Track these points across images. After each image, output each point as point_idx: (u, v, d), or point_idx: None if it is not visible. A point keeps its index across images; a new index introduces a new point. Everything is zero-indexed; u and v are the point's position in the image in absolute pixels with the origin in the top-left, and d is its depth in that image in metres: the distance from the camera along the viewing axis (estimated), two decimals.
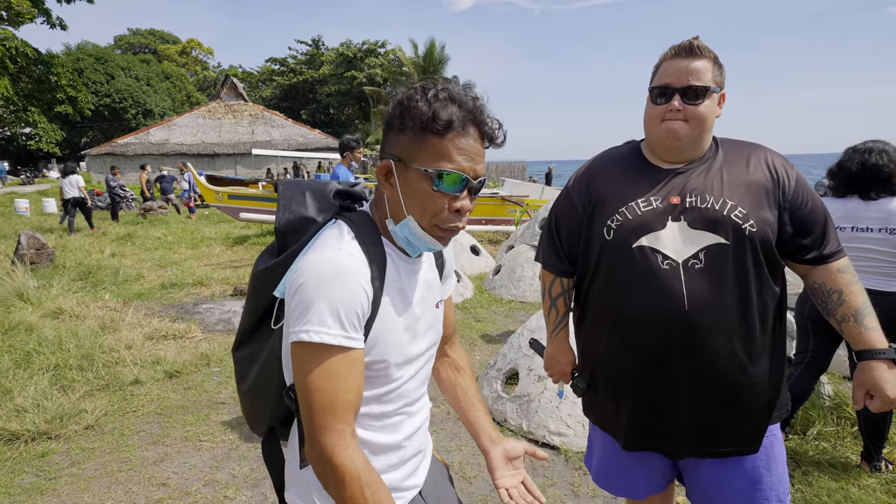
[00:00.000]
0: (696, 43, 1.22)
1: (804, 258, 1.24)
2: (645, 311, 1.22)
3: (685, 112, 1.21)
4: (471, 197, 0.90)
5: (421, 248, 0.93)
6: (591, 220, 1.34)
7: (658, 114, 1.25)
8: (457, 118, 0.84)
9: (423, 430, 1.09)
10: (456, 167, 0.85)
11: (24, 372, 3.53)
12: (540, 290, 6.10)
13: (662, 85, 1.23)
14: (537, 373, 3.04)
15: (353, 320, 0.83)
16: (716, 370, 1.19)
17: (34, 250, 6.84)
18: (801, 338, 2.62)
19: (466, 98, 0.87)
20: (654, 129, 1.27)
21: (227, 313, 5.36)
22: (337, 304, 0.81)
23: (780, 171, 1.23)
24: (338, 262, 0.83)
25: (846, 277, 1.22)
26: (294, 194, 0.95)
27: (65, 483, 2.51)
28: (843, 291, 1.21)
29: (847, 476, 2.45)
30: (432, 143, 0.85)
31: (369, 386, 0.91)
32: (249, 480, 2.53)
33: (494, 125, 0.90)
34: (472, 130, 0.87)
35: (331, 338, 0.81)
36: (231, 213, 10.45)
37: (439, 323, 1.07)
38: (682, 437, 1.27)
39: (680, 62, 1.22)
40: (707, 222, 1.19)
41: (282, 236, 0.94)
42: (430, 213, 0.88)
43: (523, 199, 10.52)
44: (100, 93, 33.84)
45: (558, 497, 2.39)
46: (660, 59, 1.29)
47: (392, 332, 0.91)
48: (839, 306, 1.22)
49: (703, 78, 1.20)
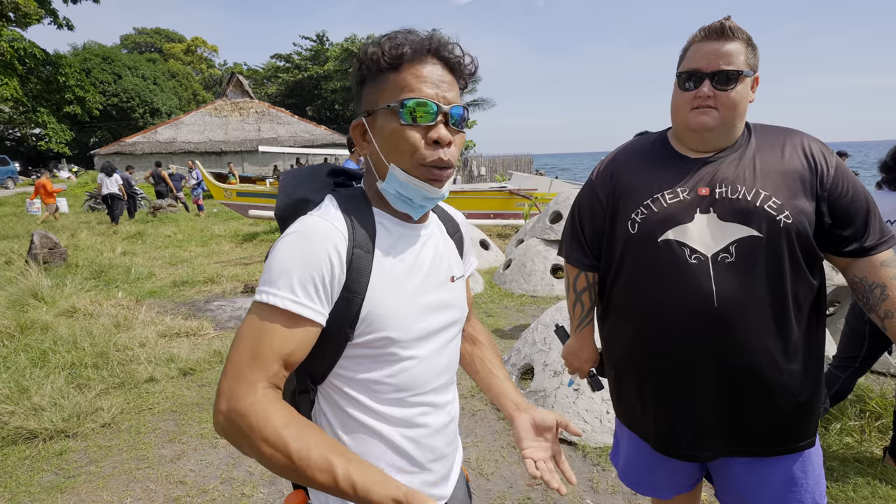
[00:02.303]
0: (728, 23, 1.15)
1: (844, 250, 1.17)
2: (672, 308, 1.17)
3: (716, 98, 1.14)
4: (450, 127, 0.82)
5: (414, 198, 0.85)
6: (615, 213, 1.29)
7: (686, 100, 1.18)
8: (410, 48, 0.79)
9: (451, 432, 0.99)
10: (418, 94, 0.79)
11: (41, 370, 3.55)
12: (549, 284, 6.01)
13: (691, 70, 1.16)
14: (553, 368, 3.01)
15: (309, 286, 0.76)
16: (749, 369, 1.14)
17: (47, 249, 6.90)
18: (854, 342, 2.48)
19: (420, 31, 0.82)
20: (682, 117, 1.20)
21: (238, 310, 5.37)
22: (291, 268, 0.76)
23: (817, 158, 1.15)
24: (305, 227, 0.79)
25: (890, 271, 1.14)
26: (290, 180, 0.93)
27: (83, 481, 2.52)
28: (886, 286, 1.13)
29: (873, 471, 2.40)
30: (390, 79, 0.81)
31: (374, 366, 0.85)
32: (266, 477, 2.52)
33: (456, 51, 0.83)
34: (430, 59, 0.81)
35: (276, 299, 0.75)
36: (240, 210, 10.49)
37: (459, 300, 0.98)
38: (714, 437, 1.22)
39: (710, 45, 1.15)
40: (738, 214, 1.13)
41: (282, 223, 0.89)
42: (408, 152, 0.81)
43: (532, 192, 10.44)
44: (107, 92, 34.03)
45: (577, 493, 2.36)
46: (688, 41, 1.21)
47: (391, 303, 0.84)
48: (882, 301, 1.14)
49: (735, 61, 1.13)
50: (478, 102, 31.67)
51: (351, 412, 0.87)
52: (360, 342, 0.83)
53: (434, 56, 0.82)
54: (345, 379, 0.86)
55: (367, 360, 0.85)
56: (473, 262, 1.10)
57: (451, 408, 0.99)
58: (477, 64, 0.87)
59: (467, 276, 1.07)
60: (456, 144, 0.84)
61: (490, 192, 10.81)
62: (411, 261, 0.89)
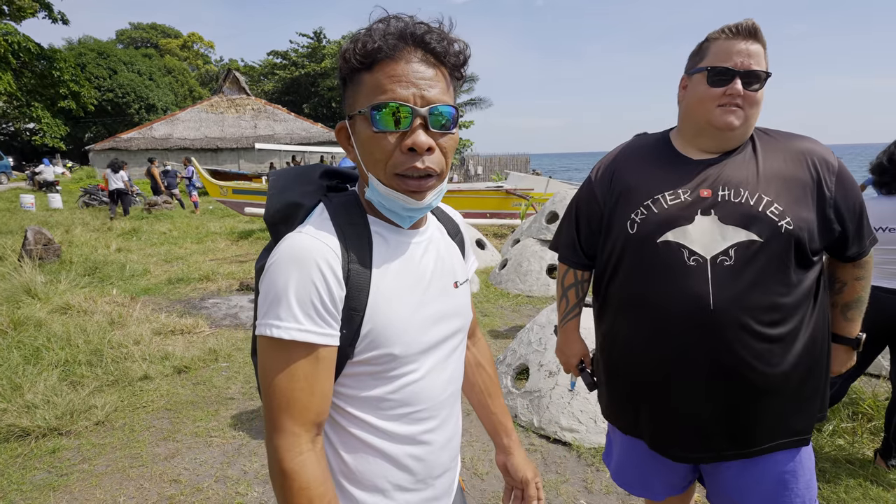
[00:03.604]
0: (757, 25, 1.15)
1: (839, 255, 1.23)
2: (668, 309, 1.17)
3: (745, 98, 1.14)
4: (430, 131, 0.74)
5: (396, 209, 0.80)
6: (614, 213, 1.29)
7: (714, 97, 1.16)
8: (383, 43, 0.71)
9: (455, 447, 0.97)
10: (390, 97, 0.71)
11: (34, 368, 3.53)
12: (545, 284, 6.02)
13: (723, 66, 1.14)
14: (548, 368, 3.02)
15: (311, 311, 0.73)
16: (743, 372, 1.14)
17: (41, 245, 6.85)
18: None
19: (398, 20, 0.73)
20: (705, 113, 1.18)
21: (233, 308, 5.35)
22: (291, 295, 0.72)
23: (819, 166, 1.16)
24: (295, 248, 0.74)
25: (858, 272, 1.26)
26: (279, 181, 0.86)
27: (76, 479, 2.51)
28: (847, 283, 1.27)
29: (865, 472, 2.42)
30: (365, 80, 0.74)
31: (376, 383, 0.81)
32: (261, 476, 2.52)
33: (440, 38, 0.74)
34: (409, 52, 0.73)
35: (283, 332, 0.72)
36: (236, 207, 10.44)
37: (463, 306, 0.93)
38: (707, 439, 1.22)
39: (741, 43, 1.14)
40: (740, 217, 1.13)
41: (272, 228, 0.84)
42: (382, 161, 0.74)
43: (528, 192, 10.45)
44: (102, 87, 33.79)
45: (572, 494, 2.37)
46: (709, 37, 1.19)
47: (393, 318, 0.79)
48: (835, 294, 1.28)
49: (762, 63, 1.14)
50: (475, 101, 31.68)
51: (352, 430, 0.83)
52: (361, 360, 0.80)
53: (414, 47, 0.73)
54: (345, 397, 0.83)
55: (367, 377, 0.82)
56: (474, 262, 1.07)
57: (455, 422, 0.96)
58: (468, 52, 0.78)
59: (469, 278, 1.04)
60: (442, 148, 0.76)
61: (487, 192, 10.81)
62: (412, 271, 0.84)
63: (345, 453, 0.84)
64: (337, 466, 0.85)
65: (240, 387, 3.51)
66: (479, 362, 1.13)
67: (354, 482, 0.85)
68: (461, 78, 0.80)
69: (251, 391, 3.44)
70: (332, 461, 0.85)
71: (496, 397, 1.13)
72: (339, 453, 0.85)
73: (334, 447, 0.85)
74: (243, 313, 5.18)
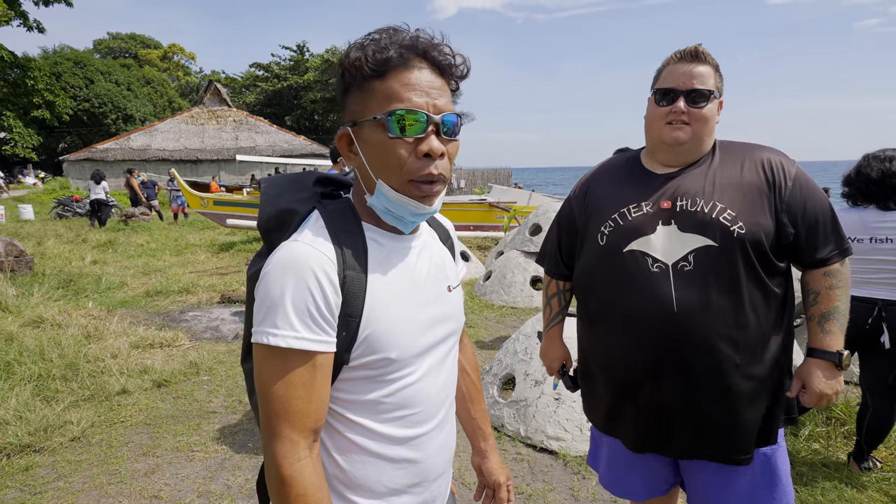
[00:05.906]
0: (701, 49, 1.26)
1: (799, 260, 1.25)
2: (636, 314, 1.25)
3: (689, 114, 1.23)
4: (441, 138, 0.77)
5: (405, 215, 0.82)
6: (587, 227, 1.39)
7: (661, 115, 1.27)
8: (395, 52, 0.74)
9: (450, 448, 0.97)
10: (407, 105, 0.74)
11: (5, 383, 3.40)
12: (529, 296, 6.13)
13: (667, 87, 1.26)
14: (534, 378, 3.05)
15: (306, 318, 0.74)
16: (708, 372, 1.20)
17: (13, 257, 6.63)
18: None
19: (404, 32, 0.77)
20: (656, 131, 1.29)
21: (214, 321, 5.26)
22: (288, 302, 0.73)
23: (776, 172, 1.22)
24: (291, 256, 0.75)
25: (830, 281, 1.24)
26: (273, 188, 0.86)
27: (51, 497, 2.42)
28: (820, 293, 1.25)
29: (839, 475, 2.49)
30: (376, 88, 0.76)
31: (372, 387, 0.82)
32: (245, 491, 2.47)
33: (446, 52, 0.78)
34: (419, 63, 0.76)
35: (279, 339, 0.73)
36: (217, 219, 10.30)
37: (457, 310, 0.95)
38: (680, 437, 1.27)
39: (685, 66, 1.25)
40: (696, 225, 1.21)
41: (266, 235, 0.84)
42: (397, 167, 0.76)
43: (511, 205, 10.58)
44: (78, 97, 33.11)
45: (559, 502, 2.39)
46: (663, 63, 1.32)
47: (389, 323, 0.80)
48: (811, 306, 1.27)
49: (706, 82, 1.23)
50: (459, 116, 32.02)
51: (348, 434, 0.84)
52: (358, 364, 0.81)
53: (422, 59, 0.77)
54: (341, 401, 0.83)
55: (364, 381, 0.82)
56: (462, 268, 1.10)
57: (451, 425, 0.97)
58: (469, 65, 0.82)
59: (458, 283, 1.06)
60: (449, 155, 0.80)
61: (470, 205, 10.91)
62: (407, 276, 0.85)
63: (341, 458, 0.85)
64: (333, 472, 0.85)
65: (222, 400, 3.44)
66: (462, 367, 1.15)
67: (351, 487, 0.85)
68: (456, 89, 0.84)
69: (233, 404, 3.38)
70: (327, 466, 0.85)
71: (478, 402, 1.16)
72: (335, 458, 0.85)
73: (329, 452, 0.85)
74: (224, 326, 5.10)
